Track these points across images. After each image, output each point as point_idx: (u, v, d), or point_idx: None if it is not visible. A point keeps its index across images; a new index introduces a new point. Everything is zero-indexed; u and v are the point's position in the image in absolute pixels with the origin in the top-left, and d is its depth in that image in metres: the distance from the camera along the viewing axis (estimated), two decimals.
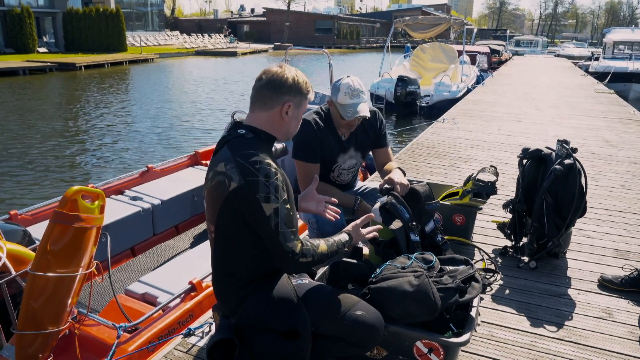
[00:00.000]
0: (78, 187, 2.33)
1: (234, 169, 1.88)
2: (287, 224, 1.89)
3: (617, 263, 3.56)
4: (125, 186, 5.05)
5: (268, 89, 2.01)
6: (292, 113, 2.05)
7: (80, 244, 2.38)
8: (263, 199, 1.85)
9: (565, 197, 3.27)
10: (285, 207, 1.90)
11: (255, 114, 2.05)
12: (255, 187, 1.86)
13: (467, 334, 2.07)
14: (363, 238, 2.20)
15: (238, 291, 2.02)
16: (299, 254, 1.90)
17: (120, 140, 11.68)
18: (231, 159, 1.91)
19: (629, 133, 8.61)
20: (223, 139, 2.05)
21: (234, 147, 1.95)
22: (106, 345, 2.66)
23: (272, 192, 1.87)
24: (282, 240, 1.88)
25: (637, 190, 5.32)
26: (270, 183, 1.87)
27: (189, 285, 3.16)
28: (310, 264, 1.95)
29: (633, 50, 22.96)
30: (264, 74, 2.04)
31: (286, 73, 2.02)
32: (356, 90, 2.92)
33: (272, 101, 2.01)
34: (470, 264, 2.39)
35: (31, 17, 32.41)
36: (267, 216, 1.86)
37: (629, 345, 2.62)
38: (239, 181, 1.87)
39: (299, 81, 2.03)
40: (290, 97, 2.02)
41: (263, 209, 1.86)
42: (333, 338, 2.03)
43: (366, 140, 3.23)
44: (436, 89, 14.99)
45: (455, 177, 5.61)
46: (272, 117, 2.03)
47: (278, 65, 2.08)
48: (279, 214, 1.87)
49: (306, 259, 1.92)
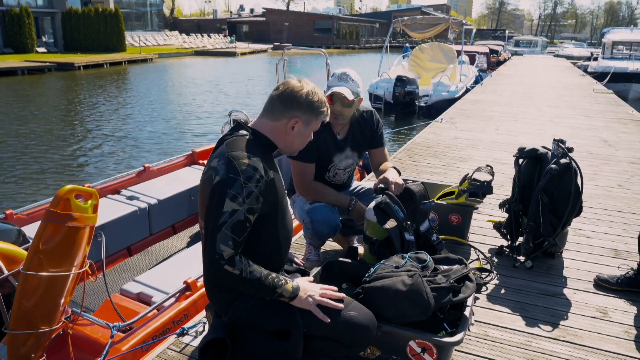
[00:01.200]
0: (71, 186, 2.32)
1: (223, 165, 1.89)
2: (233, 229, 1.82)
3: (613, 263, 3.55)
4: (121, 185, 5.04)
5: (280, 101, 2.01)
6: (299, 129, 2.05)
7: (73, 243, 2.37)
8: (231, 195, 1.83)
9: (561, 196, 3.26)
10: (246, 215, 1.84)
11: (262, 120, 2.06)
12: (231, 183, 1.84)
13: (460, 333, 2.06)
14: (309, 307, 1.96)
15: (230, 291, 2.01)
16: (226, 260, 1.80)
17: (118, 140, 11.67)
18: (224, 155, 1.92)
19: (627, 133, 8.60)
20: (223, 137, 2.05)
21: (230, 145, 1.95)
22: (100, 345, 2.66)
23: (242, 195, 1.84)
24: (218, 239, 1.81)
25: (634, 189, 5.32)
26: (246, 187, 1.85)
27: (184, 285, 3.15)
28: (234, 278, 1.83)
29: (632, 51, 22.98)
30: (282, 85, 2.04)
31: (303, 89, 2.01)
32: (346, 75, 2.94)
33: (280, 113, 2.01)
34: (465, 264, 2.38)
35: (30, 17, 32.40)
36: (222, 211, 1.82)
37: (624, 344, 2.61)
38: (222, 175, 1.87)
39: (313, 99, 2.02)
40: (300, 113, 2.02)
41: (224, 204, 1.83)
42: (325, 338, 2.02)
43: (363, 140, 3.22)
44: (435, 89, 14.99)
45: (452, 177, 5.60)
46: (278, 128, 2.03)
47: (299, 79, 2.06)
48: (233, 216, 1.82)
49: (232, 269, 1.81)
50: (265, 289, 1.88)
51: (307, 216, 3.07)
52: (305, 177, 3.02)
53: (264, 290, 1.88)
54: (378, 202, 2.78)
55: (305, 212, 3.08)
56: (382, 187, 2.84)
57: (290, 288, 1.93)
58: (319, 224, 3.02)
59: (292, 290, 1.94)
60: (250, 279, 1.84)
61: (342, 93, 2.88)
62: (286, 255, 2.19)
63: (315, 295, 1.97)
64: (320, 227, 3.03)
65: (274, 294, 1.90)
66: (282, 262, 2.16)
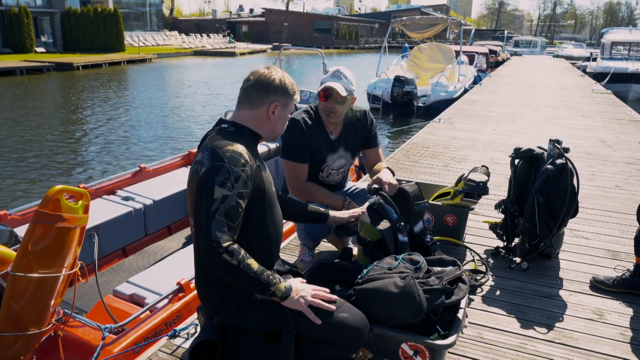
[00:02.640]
0: (61, 186, 2.30)
1: (207, 155, 1.90)
2: (227, 215, 1.81)
3: (610, 264, 3.53)
4: (117, 186, 5.01)
5: (255, 89, 2.05)
6: (279, 113, 2.09)
7: (63, 244, 2.35)
8: (219, 182, 1.83)
9: (557, 197, 3.24)
10: (237, 200, 1.84)
11: (241, 112, 2.08)
12: (218, 170, 1.85)
13: (453, 336, 2.04)
14: (300, 307, 1.93)
15: (221, 291, 1.99)
16: (224, 249, 1.78)
17: (114, 140, 11.63)
18: (208, 147, 1.93)
19: (625, 133, 8.59)
20: (207, 133, 2.07)
21: (213, 139, 1.97)
22: (91, 347, 2.63)
23: (230, 179, 1.84)
24: (213, 227, 1.79)
25: (632, 190, 5.30)
26: (233, 171, 1.85)
27: (177, 286, 3.12)
28: (232, 268, 1.80)
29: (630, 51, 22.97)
30: (252, 75, 2.08)
31: (273, 74, 2.06)
32: (339, 72, 2.94)
33: (258, 101, 2.05)
34: (458, 265, 2.36)
35: (29, 17, 32.36)
36: (213, 199, 1.81)
37: (619, 347, 2.59)
38: (207, 165, 1.88)
39: (285, 82, 2.08)
40: (277, 97, 2.06)
41: (214, 191, 1.82)
42: (317, 340, 2.00)
43: (356, 140, 3.20)
44: (433, 89, 14.98)
45: (449, 178, 5.58)
46: (259, 116, 2.07)
47: (265, 67, 2.12)
48: (224, 202, 1.81)
49: (231, 258, 1.78)
50: (260, 284, 1.85)
51: None
52: (298, 177, 3.00)
53: (258, 285, 1.85)
54: (371, 203, 2.76)
55: None
56: (376, 188, 2.82)
57: (283, 288, 1.91)
58: (312, 225, 3.00)
59: (285, 290, 1.91)
60: (246, 272, 1.82)
61: (335, 88, 2.87)
62: (277, 254, 2.17)
63: (307, 296, 1.95)
64: (313, 228, 3.01)
65: (267, 291, 1.88)
66: (272, 260, 2.14)
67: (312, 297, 1.96)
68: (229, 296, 2.00)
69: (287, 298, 1.92)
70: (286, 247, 3.65)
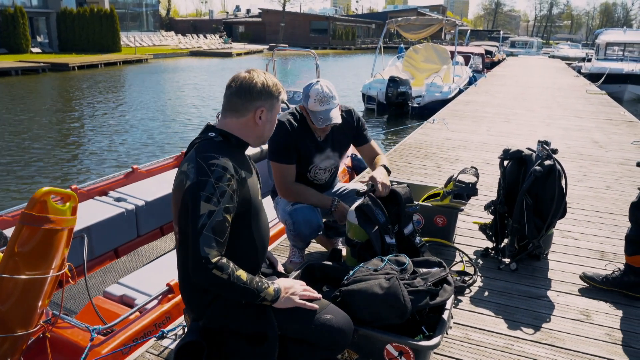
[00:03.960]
0: (48, 188, 2.31)
1: (192, 168, 1.88)
2: (214, 230, 1.81)
3: (599, 264, 3.55)
4: (109, 187, 5.01)
5: (238, 97, 2.00)
6: (266, 117, 2.05)
7: (50, 246, 2.35)
8: (204, 197, 1.82)
9: (545, 198, 3.26)
10: (223, 214, 1.83)
11: (227, 120, 2.04)
12: (203, 186, 1.83)
13: (437, 337, 2.06)
14: (293, 304, 1.97)
15: (204, 295, 2.00)
16: (213, 264, 1.77)
17: (108, 141, 11.61)
18: (193, 159, 1.91)
19: (618, 134, 8.62)
20: (193, 141, 2.04)
21: (199, 149, 1.94)
22: (79, 348, 2.64)
23: (216, 194, 1.83)
24: (201, 243, 1.78)
25: (622, 191, 5.32)
26: (218, 187, 1.84)
27: (166, 287, 3.13)
28: (223, 283, 1.79)
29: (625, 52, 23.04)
30: (233, 82, 2.03)
31: (255, 78, 2.01)
32: (326, 96, 2.88)
33: (243, 108, 2.01)
34: (444, 267, 2.37)
35: (24, 17, 32.29)
36: (199, 215, 1.81)
37: (605, 347, 2.61)
38: (192, 179, 1.86)
39: (268, 85, 2.02)
40: (262, 102, 2.01)
41: (200, 207, 1.81)
42: (302, 342, 2.01)
43: (344, 140, 3.20)
44: (427, 90, 14.99)
45: (441, 178, 5.59)
46: (246, 123, 2.03)
47: (246, 70, 2.06)
48: (211, 217, 1.81)
49: (221, 273, 1.78)
50: (250, 293, 1.86)
51: (288, 217, 3.06)
52: (286, 178, 3.01)
53: (249, 295, 1.86)
54: (360, 204, 2.77)
55: (287, 213, 3.08)
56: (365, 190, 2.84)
57: (272, 291, 1.92)
58: (300, 225, 3.01)
59: (274, 294, 1.93)
60: (236, 284, 1.82)
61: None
62: (262, 258, 2.17)
63: (298, 291, 1.99)
64: (301, 228, 3.02)
65: (258, 298, 1.89)
66: (258, 265, 2.15)
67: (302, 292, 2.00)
68: (213, 300, 2.00)
69: (277, 300, 1.94)
70: (276, 248, 3.66)
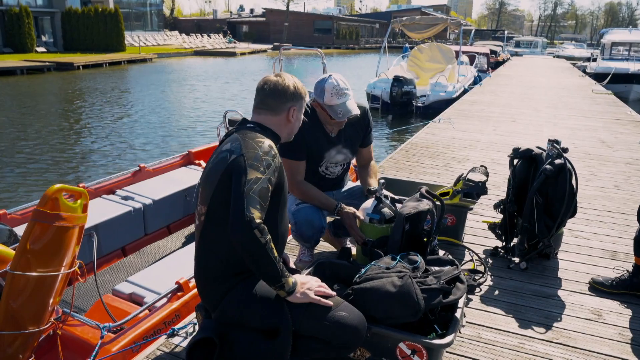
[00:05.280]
0: (59, 185, 2.31)
1: (239, 145, 2.00)
2: (260, 194, 1.88)
3: (609, 264, 3.53)
4: (116, 186, 5.02)
5: (273, 98, 2.18)
6: (297, 115, 2.26)
7: (61, 243, 2.35)
8: (252, 165, 1.92)
9: (555, 197, 3.24)
10: (268, 184, 1.93)
11: (262, 116, 2.20)
12: (251, 156, 1.95)
13: (450, 335, 2.05)
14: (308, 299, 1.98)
15: (221, 285, 2.01)
16: (255, 225, 1.81)
17: (115, 140, 11.63)
18: (238, 139, 2.04)
19: (625, 134, 8.58)
20: (229, 132, 2.17)
21: (242, 132, 2.09)
22: (90, 346, 2.63)
23: (263, 164, 1.94)
24: (247, 203, 1.84)
25: (631, 190, 5.30)
26: (265, 159, 1.96)
27: (176, 285, 3.13)
28: (259, 246, 1.81)
29: (630, 51, 22.94)
30: (266, 84, 2.20)
31: (287, 81, 2.20)
32: (342, 89, 2.87)
33: (278, 108, 2.19)
34: (456, 265, 2.36)
35: (29, 16, 32.38)
36: (248, 179, 1.89)
37: (617, 347, 2.60)
38: (239, 153, 1.97)
39: (298, 87, 2.23)
40: (294, 102, 2.22)
41: (247, 173, 1.90)
42: (315, 339, 2.00)
43: (355, 137, 3.20)
44: (432, 89, 14.97)
45: (449, 178, 5.58)
46: (280, 120, 2.21)
47: (275, 74, 2.25)
48: (257, 183, 1.90)
49: (261, 235, 1.81)
50: (275, 271, 1.88)
51: (292, 217, 3.06)
52: (294, 174, 3.01)
53: (273, 272, 1.88)
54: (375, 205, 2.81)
55: (291, 213, 3.08)
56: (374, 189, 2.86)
57: (291, 283, 1.95)
58: (302, 226, 3.01)
59: (292, 285, 1.96)
60: (269, 254, 1.84)
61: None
62: (282, 251, 2.22)
63: (313, 287, 2.01)
64: (303, 229, 3.02)
65: (278, 282, 1.90)
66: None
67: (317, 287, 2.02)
68: (229, 291, 2.02)
69: (293, 293, 1.96)
70: (286, 246, 3.65)
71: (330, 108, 2.89)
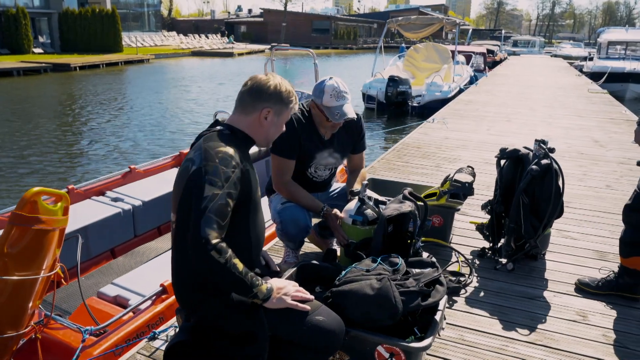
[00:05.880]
0: (38, 188, 2.29)
1: (199, 154, 1.92)
2: (216, 212, 1.81)
3: (596, 264, 3.52)
4: (106, 187, 4.99)
5: (249, 95, 2.08)
6: (271, 119, 2.10)
7: (41, 246, 2.34)
8: (209, 181, 1.84)
9: (542, 197, 3.23)
10: (226, 199, 1.85)
11: (236, 116, 2.11)
12: (209, 169, 1.86)
13: (428, 338, 2.03)
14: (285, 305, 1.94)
15: (196, 292, 1.98)
16: (212, 246, 1.75)
17: (107, 141, 11.59)
18: (200, 147, 1.95)
19: (619, 133, 8.58)
20: (201, 133, 2.09)
21: (207, 139, 1.99)
22: (71, 349, 2.62)
23: (221, 179, 1.85)
24: (202, 224, 1.78)
25: (622, 190, 5.29)
26: (224, 172, 1.87)
27: (160, 288, 3.11)
28: (219, 267, 1.76)
29: (627, 50, 22.95)
30: (250, 80, 2.12)
31: (270, 81, 2.09)
32: (341, 92, 2.88)
33: (251, 107, 2.08)
34: (437, 267, 2.35)
35: (26, 17, 32.30)
36: (203, 196, 1.81)
37: (600, 348, 2.59)
38: (199, 164, 1.89)
39: (281, 90, 2.09)
40: (270, 104, 2.08)
41: (204, 190, 1.83)
42: (292, 343, 1.99)
43: (347, 143, 3.20)
44: (428, 89, 14.96)
45: (440, 178, 5.55)
46: (252, 122, 2.09)
47: (266, 73, 2.16)
48: (214, 200, 1.82)
49: (219, 256, 1.75)
50: (243, 285, 1.84)
51: (277, 216, 3.06)
52: (282, 172, 3.00)
53: (242, 286, 1.84)
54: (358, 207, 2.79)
55: (276, 212, 3.07)
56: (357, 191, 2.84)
57: (265, 290, 1.90)
58: (287, 225, 3.01)
59: (266, 292, 1.91)
60: (232, 271, 1.79)
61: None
62: (257, 256, 2.15)
63: (290, 292, 1.97)
64: (288, 228, 3.01)
65: (250, 293, 1.86)
66: (253, 262, 2.12)
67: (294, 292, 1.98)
68: (205, 297, 1.99)
69: (269, 300, 1.92)
70: (272, 248, 3.64)
71: (327, 109, 2.89)
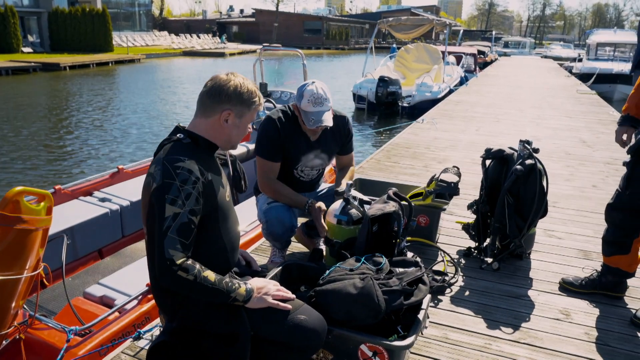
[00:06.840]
0: (21, 187, 2.29)
1: (159, 171, 1.86)
2: (179, 232, 1.79)
3: (580, 264, 3.56)
4: (94, 187, 4.98)
5: (208, 97, 1.98)
6: (232, 121, 2.01)
7: (23, 246, 2.33)
8: (169, 200, 1.80)
9: (526, 197, 3.26)
10: (188, 217, 1.82)
11: (197, 120, 2.02)
12: (168, 189, 1.81)
13: (411, 337, 2.04)
14: (266, 304, 1.95)
15: (175, 296, 1.97)
16: (178, 266, 1.76)
17: (95, 141, 11.54)
18: (160, 161, 1.88)
19: (606, 134, 8.64)
20: (162, 142, 2.02)
21: (167, 151, 1.92)
22: (55, 349, 2.61)
23: (181, 197, 1.81)
24: (165, 245, 1.77)
25: (608, 190, 5.33)
26: (183, 189, 1.82)
27: (146, 288, 3.11)
28: (190, 284, 1.78)
29: (616, 52, 23.14)
30: (210, 81, 2.01)
31: (231, 81, 1.98)
32: (320, 97, 2.84)
33: (210, 109, 1.98)
34: (420, 266, 2.37)
35: (15, 16, 32.06)
36: (165, 217, 1.79)
37: (583, 346, 2.61)
38: (158, 182, 1.84)
39: (241, 91, 1.99)
40: (230, 105, 1.98)
41: (165, 210, 1.80)
42: (275, 342, 1.99)
43: (334, 144, 3.20)
44: (418, 90, 15.02)
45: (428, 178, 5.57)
46: (212, 125, 2.00)
47: (227, 72, 2.04)
48: (176, 219, 1.79)
49: (186, 274, 1.77)
50: (219, 294, 1.84)
51: (263, 216, 3.06)
52: (267, 174, 3.01)
53: (218, 295, 1.85)
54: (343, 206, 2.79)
55: (262, 211, 3.07)
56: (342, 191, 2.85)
57: (244, 292, 1.91)
58: (273, 224, 3.01)
59: (246, 294, 1.91)
60: (203, 285, 1.80)
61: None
62: (233, 260, 2.14)
63: (271, 291, 1.98)
64: (273, 227, 3.02)
65: (229, 298, 1.87)
66: (229, 267, 2.12)
67: (275, 292, 1.98)
68: (184, 301, 1.98)
69: (250, 300, 1.93)
70: (258, 248, 3.65)
71: (304, 113, 2.89)
